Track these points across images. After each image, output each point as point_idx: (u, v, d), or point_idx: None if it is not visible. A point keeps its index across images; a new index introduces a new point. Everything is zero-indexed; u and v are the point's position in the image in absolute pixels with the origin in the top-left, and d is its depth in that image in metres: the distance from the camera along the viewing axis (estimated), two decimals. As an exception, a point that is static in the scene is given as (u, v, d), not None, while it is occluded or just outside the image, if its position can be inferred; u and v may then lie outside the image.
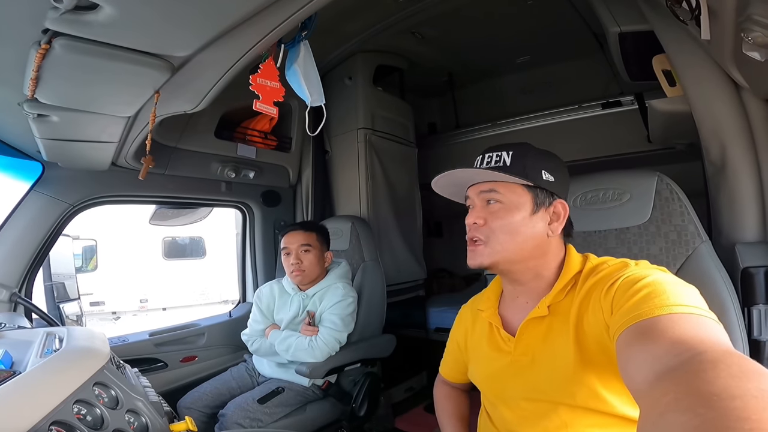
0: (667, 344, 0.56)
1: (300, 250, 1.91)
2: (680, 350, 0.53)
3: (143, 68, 0.96)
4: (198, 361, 2.26)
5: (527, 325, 0.91)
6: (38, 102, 1.07)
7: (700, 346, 0.53)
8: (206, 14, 0.82)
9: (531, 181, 0.89)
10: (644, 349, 0.59)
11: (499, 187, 0.91)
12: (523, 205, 0.90)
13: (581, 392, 0.80)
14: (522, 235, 0.89)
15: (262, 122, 2.42)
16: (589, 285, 0.84)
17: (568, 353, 0.82)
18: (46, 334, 1.10)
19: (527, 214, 0.90)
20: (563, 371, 0.82)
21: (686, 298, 0.66)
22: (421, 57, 2.87)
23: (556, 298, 0.88)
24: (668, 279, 0.72)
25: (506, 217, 0.89)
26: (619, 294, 0.74)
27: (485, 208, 0.92)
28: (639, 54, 1.74)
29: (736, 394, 0.40)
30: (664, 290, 0.67)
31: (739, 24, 0.83)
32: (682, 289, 0.69)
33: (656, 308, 0.64)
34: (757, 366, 0.46)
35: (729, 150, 1.31)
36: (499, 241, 0.89)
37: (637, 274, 0.76)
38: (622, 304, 0.70)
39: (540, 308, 0.89)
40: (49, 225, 1.79)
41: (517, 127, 2.97)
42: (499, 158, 0.92)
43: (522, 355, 0.91)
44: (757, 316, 1.14)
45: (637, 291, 0.70)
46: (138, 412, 0.92)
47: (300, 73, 1.21)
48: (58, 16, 0.75)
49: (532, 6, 2.25)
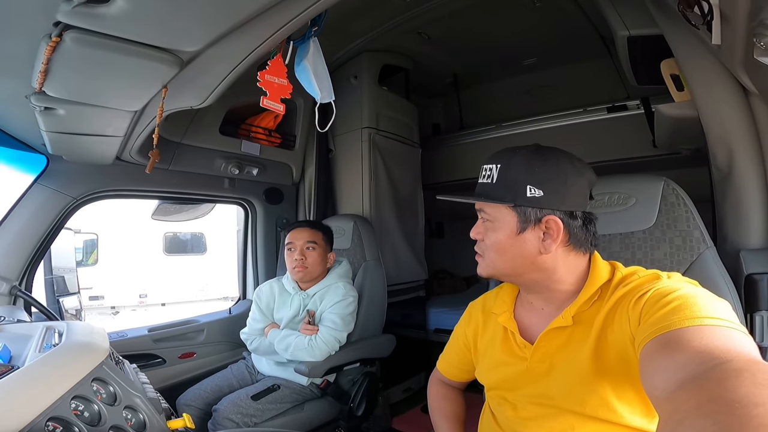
0: (692, 353, 0.56)
1: (305, 247, 1.90)
2: (705, 359, 0.53)
3: (152, 62, 0.96)
4: (196, 357, 2.25)
5: (548, 334, 0.89)
6: (46, 95, 1.07)
7: (726, 355, 0.52)
8: (218, 9, 0.82)
9: (511, 202, 0.86)
10: (669, 358, 0.58)
11: (485, 206, 0.91)
12: (507, 224, 0.87)
13: (592, 401, 0.79)
14: (509, 253, 0.88)
15: (266, 119, 2.42)
16: (619, 295, 0.81)
17: (584, 362, 0.81)
18: (45, 329, 1.10)
19: (512, 233, 0.87)
20: (577, 379, 0.81)
21: (716, 311, 0.64)
22: (427, 57, 2.86)
23: (582, 308, 0.86)
24: (699, 293, 0.71)
25: (492, 235, 0.90)
26: (649, 305, 0.72)
27: (482, 224, 0.94)
28: (647, 58, 1.74)
29: (759, 401, 0.40)
30: (695, 303, 0.66)
31: (751, 29, 0.83)
32: (713, 303, 0.67)
33: (685, 320, 0.63)
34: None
35: (736, 156, 1.31)
36: (491, 258, 0.91)
37: (668, 286, 0.74)
38: (651, 316, 0.69)
39: (564, 318, 0.86)
40: (52, 218, 1.78)
41: (522, 130, 2.96)
42: (490, 173, 0.90)
43: (539, 362, 0.89)
44: (760, 323, 1.15)
45: (666, 303, 0.69)
46: (136, 408, 0.91)
47: (310, 70, 1.20)
48: (71, 9, 0.75)
49: (539, 8, 2.24)
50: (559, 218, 0.85)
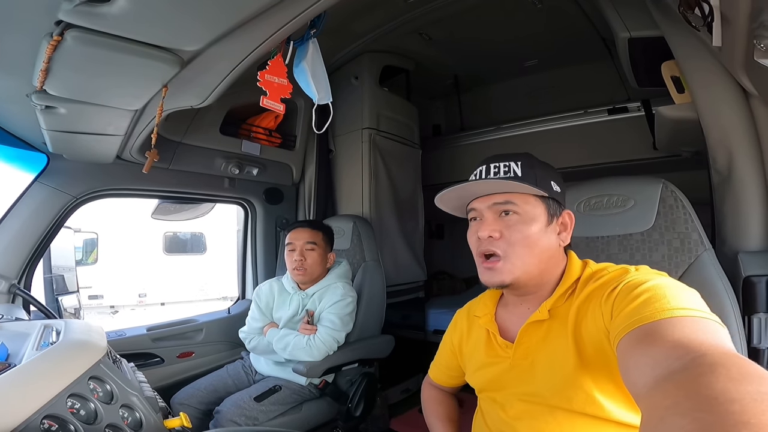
0: (667, 348, 0.56)
1: (305, 248, 1.90)
2: (680, 354, 0.54)
3: (153, 62, 0.96)
4: (195, 357, 2.25)
5: (527, 328, 0.90)
6: (47, 93, 1.08)
7: (700, 348, 0.53)
8: (219, 8, 0.82)
9: (545, 192, 0.88)
10: (645, 353, 0.59)
11: (515, 198, 0.88)
12: (538, 216, 0.88)
13: (578, 397, 0.80)
14: (539, 247, 0.88)
15: (267, 119, 2.43)
16: (589, 290, 0.84)
17: (567, 356, 0.82)
18: (43, 327, 1.10)
19: (543, 226, 0.88)
20: (561, 375, 0.82)
21: (687, 301, 0.66)
22: (428, 58, 2.86)
23: (557, 303, 0.88)
24: (669, 283, 0.73)
25: (524, 229, 0.87)
26: (620, 299, 0.73)
27: (499, 220, 0.89)
28: (647, 60, 1.74)
29: (735, 397, 0.41)
30: (665, 294, 0.67)
31: (751, 31, 0.83)
32: (683, 293, 0.69)
33: (657, 312, 0.64)
34: (757, 368, 0.46)
35: (736, 158, 1.31)
36: (519, 255, 0.87)
37: (637, 279, 0.76)
38: (622, 309, 0.70)
39: (541, 312, 0.88)
40: (52, 217, 1.78)
41: (523, 131, 2.96)
42: (508, 168, 0.89)
43: (522, 358, 0.90)
44: (758, 325, 1.15)
45: (637, 296, 0.70)
46: (132, 407, 0.92)
47: (308, 71, 1.21)
48: (72, 7, 0.75)
49: (540, 9, 2.25)
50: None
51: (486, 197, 0.91)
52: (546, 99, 3.03)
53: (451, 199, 0.97)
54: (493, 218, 0.90)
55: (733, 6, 0.82)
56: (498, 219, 0.89)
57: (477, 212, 0.93)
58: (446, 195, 0.95)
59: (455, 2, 2.13)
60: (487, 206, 0.91)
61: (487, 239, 0.89)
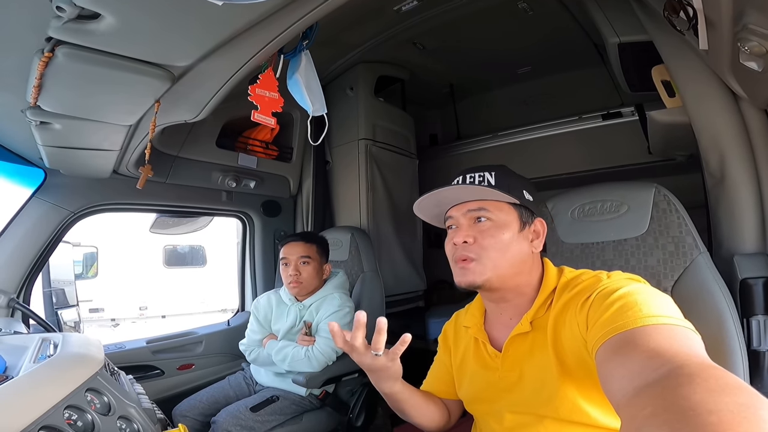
0: (643, 358, 0.57)
1: (299, 262, 1.90)
2: (657, 364, 0.54)
3: (144, 77, 0.97)
4: (195, 369, 2.24)
5: (512, 341, 0.92)
6: (41, 109, 1.09)
7: (676, 359, 0.53)
8: (206, 24, 0.83)
9: (517, 200, 0.91)
10: (621, 365, 0.60)
11: (488, 205, 0.92)
12: (511, 223, 0.91)
13: (564, 406, 0.81)
14: (511, 251, 0.90)
15: (263, 132, 2.43)
16: (564, 300, 0.85)
17: (550, 367, 0.83)
18: (41, 340, 1.10)
19: (515, 232, 0.91)
20: (548, 385, 0.83)
21: (660, 308, 0.67)
22: (423, 68, 2.87)
23: (538, 314, 0.89)
24: (641, 289, 0.74)
25: (497, 234, 0.90)
26: (594, 308, 0.75)
27: (473, 226, 0.93)
28: (639, 65, 1.75)
29: (712, 408, 0.41)
30: (637, 301, 0.69)
31: (735, 33, 0.84)
32: (655, 299, 0.70)
33: (631, 321, 0.65)
34: (735, 379, 0.46)
35: (728, 161, 1.31)
36: (490, 257, 0.89)
37: (609, 287, 0.77)
38: (597, 319, 0.72)
39: (523, 324, 0.90)
40: (50, 232, 1.79)
41: (518, 139, 2.97)
42: (483, 177, 0.93)
43: (509, 371, 0.92)
44: (756, 327, 1.14)
45: (610, 304, 0.71)
46: (130, 418, 0.91)
47: (302, 83, 1.22)
48: (61, 24, 0.76)
49: (533, 17, 2.26)
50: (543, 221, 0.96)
51: (461, 205, 0.95)
52: (541, 105, 3.04)
53: (429, 207, 1.00)
54: (468, 224, 0.93)
55: (716, 9, 0.83)
56: (472, 225, 0.93)
57: (454, 220, 0.96)
58: (423, 202, 0.98)
59: (448, 11, 2.14)
60: (462, 213, 0.94)
61: (461, 244, 0.92)
